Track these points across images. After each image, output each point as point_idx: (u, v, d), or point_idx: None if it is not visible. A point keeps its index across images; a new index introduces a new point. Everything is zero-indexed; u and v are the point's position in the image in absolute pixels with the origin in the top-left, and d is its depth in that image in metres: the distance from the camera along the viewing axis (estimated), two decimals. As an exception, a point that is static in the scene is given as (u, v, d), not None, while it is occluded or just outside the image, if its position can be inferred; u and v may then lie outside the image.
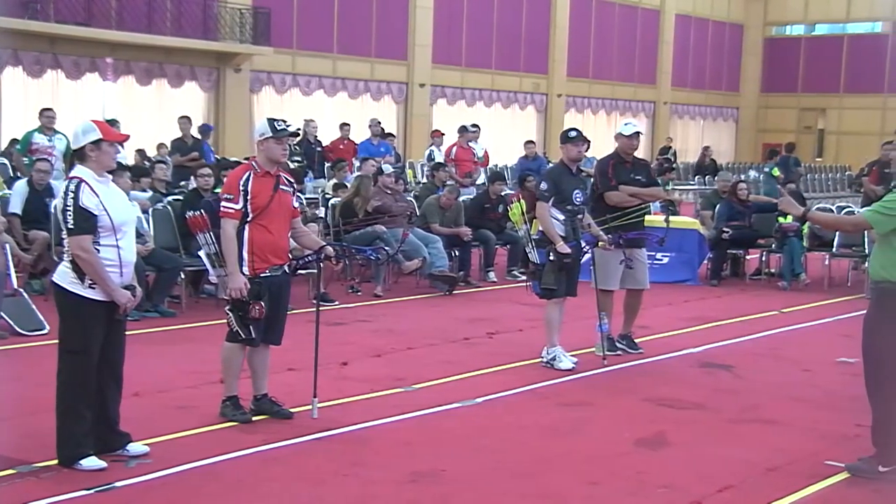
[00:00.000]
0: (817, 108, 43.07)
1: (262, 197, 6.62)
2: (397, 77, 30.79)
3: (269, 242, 6.65)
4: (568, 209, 8.57)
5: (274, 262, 6.69)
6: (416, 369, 8.56)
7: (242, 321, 6.66)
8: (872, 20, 42.39)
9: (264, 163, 6.70)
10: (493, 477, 6.00)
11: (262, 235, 6.62)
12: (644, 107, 39.56)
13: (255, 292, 6.60)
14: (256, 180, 6.64)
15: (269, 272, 6.67)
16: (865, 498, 5.86)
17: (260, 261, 6.63)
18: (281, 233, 6.76)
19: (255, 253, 6.62)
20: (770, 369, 9.08)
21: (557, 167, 9.01)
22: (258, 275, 6.63)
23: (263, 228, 6.62)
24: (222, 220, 6.62)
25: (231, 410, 6.87)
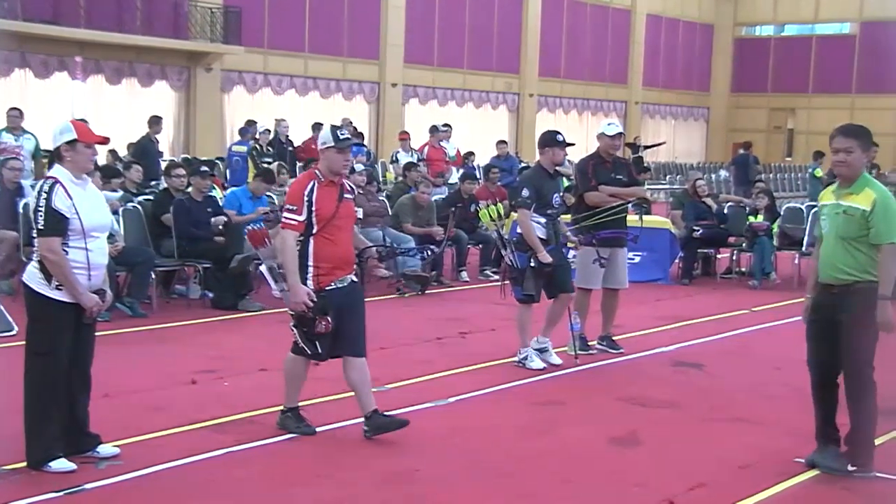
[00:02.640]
0: (787, 108, 43.40)
1: (327, 207, 6.31)
2: (369, 77, 30.75)
3: (335, 254, 6.35)
4: (548, 213, 8.56)
5: (340, 274, 6.38)
6: (389, 369, 8.53)
7: (308, 337, 6.39)
8: (840, 21, 42.76)
9: (327, 172, 6.39)
10: (468, 477, 6.00)
11: (328, 247, 6.31)
12: (615, 106, 39.71)
13: (321, 307, 6.28)
14: (321, 190, 6.33)
15: (336, 284, 6.36)
16: (835, 495, 5.90)
17: (326, 274, 6.32)
18: (346, 243, 6.45)
19: (320, 266, 6.31)
20: (741, 368, 9.13)
21: (537, 172, 8.86)
22: (324, 288, 6.32)
23: (328, 240, 6.32)
24: (282, 232, 6.33)
25: (293, 422, 6.63)
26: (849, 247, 5.99)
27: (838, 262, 6.02)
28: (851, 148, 6.00)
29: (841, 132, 6.11)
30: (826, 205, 6.15)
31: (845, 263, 6.00)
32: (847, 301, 6.02)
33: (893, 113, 40.39)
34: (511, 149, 26.36)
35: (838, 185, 6.12)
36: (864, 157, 6.16)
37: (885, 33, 41.15)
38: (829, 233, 6.08)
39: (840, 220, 6.01)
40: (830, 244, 6.07)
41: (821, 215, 6.16)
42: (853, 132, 6.11)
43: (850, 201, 6.00)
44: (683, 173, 30.81)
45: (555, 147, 8.64)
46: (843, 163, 6.02)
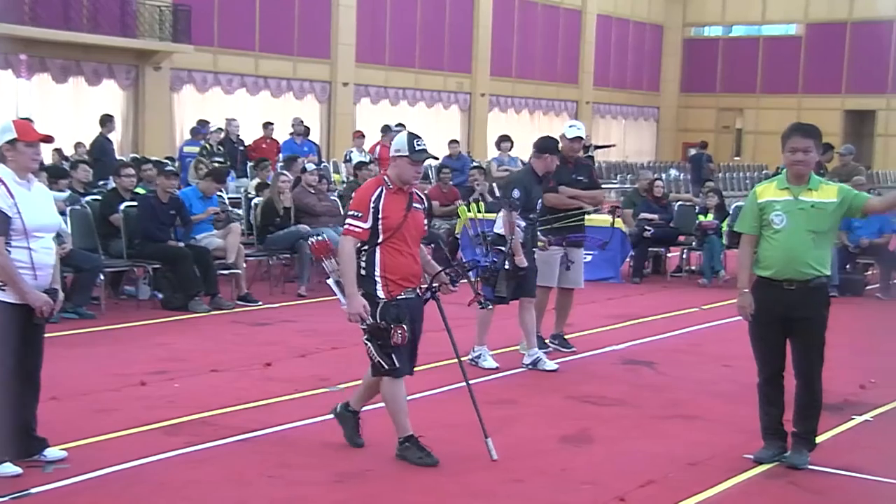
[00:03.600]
0: (735, 108, 43.91)
1: (394, 216, 5.98)
2: (320, 76, 30.63)
3: (403, 265, 6.03)
4: (531, 217, 8.58)
5: (408, 285, 6.08)
6: (342, 369, 8.52)
7: (383, 350, 6.02)
8: (787, 22, 43.34)
9: (396, 180, 6.07)
10: (420, 476, 6.00)
11: (396, 258, 6.00)
12: (567, 106, 39.91)
13: (395, 315, 5.97)
14: (389, 197, 6.01)
15: (405, 294, 6.06)
16: (783, 489, 5.98)
17: (395, 284, 6.01)
18: (414, 254, 6.11)
19: (388, 276, 6.00)
20: (691, 365, 9.22)
21: (528, 175, 8.81)
22: (395, 297, 6.01)
23: (396, 251, 6.00)
24: (342, 238, 6.04)
25: (414, 452, 6.16)
26: (818, 241, 6.11)
27: (806, 258, 6.09)
28: (809, 147, 6.13)
29: (799, 132, 6.21)
30: (779, 201, 6.18)
31: (813, 258, 6.09)
32: (807, 298, 6.14)
33: (838, 113, 41.06)
34: (463, 148, 26.40)
35: (789, 182, 6.19)
36: (817, 155, 6.29)
37: (829, 35, 41.77)
38: (794, 228, 6.11)
39: (810, 215, 6.09)
40: (796, 239, 6.11)
41: (770, 211, 6.20)
42: (811, 132, 6.23)
43: (815, 197, 6.12)
44: (634, 173, 31.05)
45: (546, 154, 8.64)
46: (801, 162, 6.13)
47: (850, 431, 7.20)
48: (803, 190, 6.12)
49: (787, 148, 6.18)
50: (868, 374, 8.75)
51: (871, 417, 7.53)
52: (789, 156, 6.18)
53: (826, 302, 6.22)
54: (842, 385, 8.32)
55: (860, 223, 13.54)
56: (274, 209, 12.56)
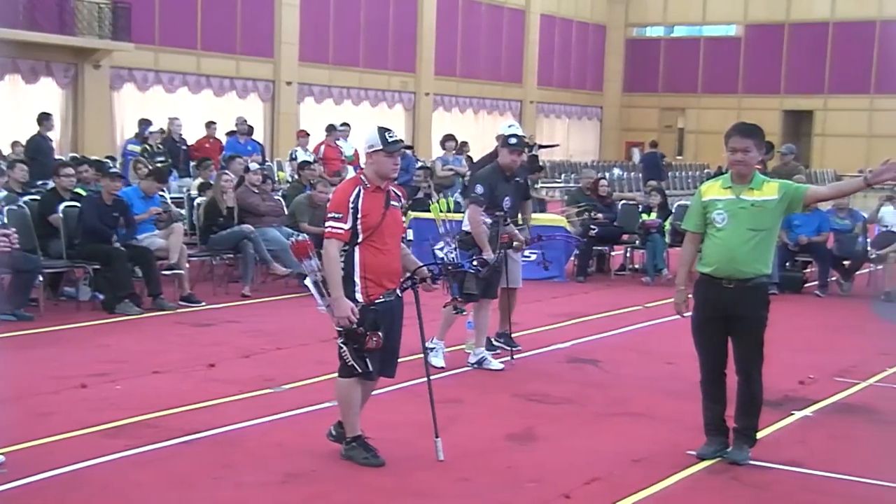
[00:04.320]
0: (677, 108, 44.41)
1: (373, 215, 5.94)
2: (263, 75, 30.44)
3: (382, 265, 5.96)
4: (497, 214, 8.55)
5: (388, 286, 6.00)
6: (287, 369, 8.48)
7: (358, 354, 5.96)
8: (727, 23, 43.91)
9: (374, 177, 6.00)
10: (366, 475, 5.98)
11: (375, 257, 5.94)
12: (511, 105, 40.06)
13: (372, 321, 5.91)
14: (367, 196, 5.95)
15: (384, 297, 5.98)
16: (725, 485, 6.05)
17: (375, 286, 5.94)
18: (394, 253, 6.06)
19: (368, 277, 5.93)
20: (636, 363, 9.29)
21: (493, 171, 8.76)
22: (373, 301, 5.94)
23: (376, 249, 5.94)
24: (326, 241, 5.94)
25: (360, 452, 6.13)
26: (759, 239, 6.18)
27: (745, 257, 6.16)
28: (749, 147, 6.21)
29: (738, 132, 6.29)
30: (721, 200, 6.25)
31: (752, 257, 6.17)
32: (746, 297, 6.22)
33: (777, 113, 41.71)
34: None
35: (733, 181, 6.27)
36: (759, 154, 6.36)
37: (768, 36, 42.42)
38: (735, 227, 6.17)
39: (751, 214, 6.16)
40: (736, 238, 6.18)
41: (713, 210, 6.28)
42: (749, 132, 6.30)
43: (756, 196, 6.19)
44: (578, 172, 31.25)
45: (503, 149, 8.64)
46: (741, 161, 6.20)
47: (790, 427, 7.31)
48: (745, 189, 6.19)
49: (727, 148, 6.28)
50: (807, 370, 8.89)
51: (811, 413, 7.65)
52: (730, 155, 6.26)
53: (765, 301, 6.29)
54: (782, 381, 8.45)
55: (800, 222, 13.75)
56: (217, 209, 12.45)
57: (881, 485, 6.10)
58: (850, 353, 9.81)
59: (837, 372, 8.89)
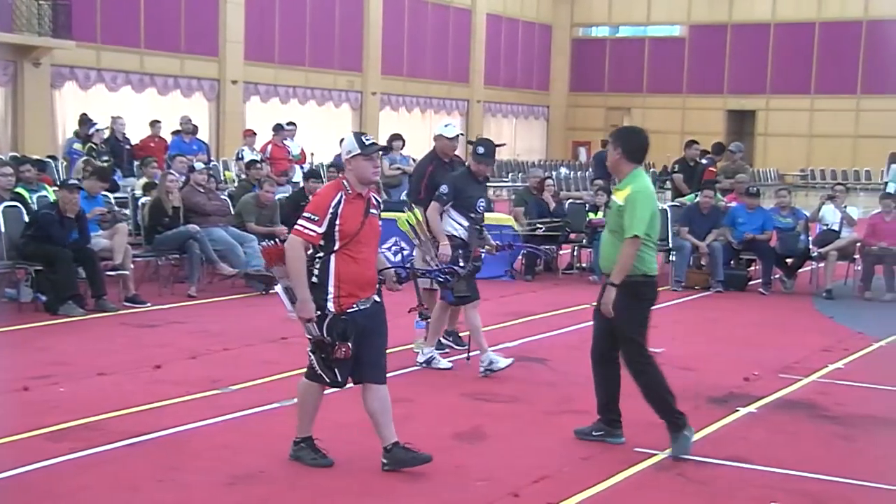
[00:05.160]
0: (623, 108, 44.72)
1: (352, 222, 5.82)
2: (208, 73, 30.14)
3: (356, 273, 5.83)
4: (472, 216, 8.59)
5: (362, 295, 5.87)
6: (233, 370, 8.42)
7: (326, 363, 5.85)
8: (671, 23, 44.34)
9: (355, 183, 5.86)
10: (314, 476, 5.96)
11: (350, 266, 5.81)
12: (458, 105, 40.11)
13: (342, 331, 5.79)
14: (348, 203, 5.82)
15: (358, 306, 5.85)
16: (671, 481, 6.11)
17: (347, 295, 5.81)
18: (370, 261, 5.94)
19: (341, 287, 5.80)
20: (583, 361, 9.24)
21: (463, 174, 8.80)
22: (345, 311, 5.82)
23: (351, 258, 5.82)
24: (291, 238, 5.83)
25: (308, 454, 6.10)
26: (615, 239, 6.48)
27: (608, 254, 6.56)
28: (609, 148, 6.69)
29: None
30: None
31: (612, 255, 6.49)
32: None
33: (721, 113, 42.21)
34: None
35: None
36: (617, 153, 6.60)
37: (711, 36, 42.90)
38: (606, 226, 6.73)
39: (611, 214, 6.62)
40: (605, 236, 6.70)
41: None
42: (611, 133, 6.85)
43: (616, 197, 6.55)
44: (525, 171, 31.37)
45: (471, 158, 8.69)
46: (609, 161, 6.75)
47: (735, 423, 7.40)
48: (615, 189, 6.65)
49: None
50: (751, 366, 9.00)
51: (755, 409, 7.75)
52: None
53: (626, 298, 6.38)
54: (727, 378, 8.57)
55: (744, 220, 13.94)
56: (162, 209, 12.32)
57: (824, 479, 6.20)
58: (793, 349, 9.95)
59: (781, 368, 9.02)
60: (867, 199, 27.85)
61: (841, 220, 14.02)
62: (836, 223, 14.08)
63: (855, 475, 6.25)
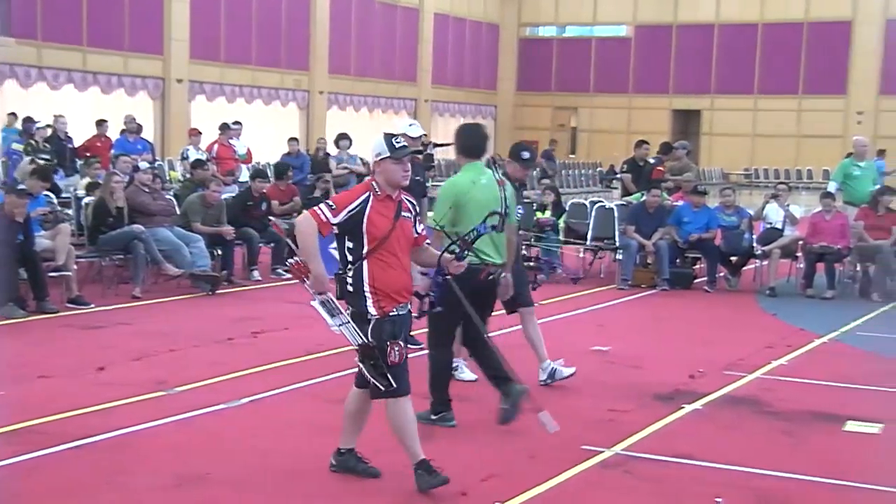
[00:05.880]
0: (570, 107, 44.96)
1: (381, 225, 5.60)
2: (153, 72, 29.80)
3: (392, 279, 5.62)
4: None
5: (401, 300, 5.67)
6: (180, 371, 8.34)
7: (377, 370, 5.55)
8: (617, 23, 44.65)
9: (384, 185, 5.66)
10: (262, 477, 5.92)
11: (385, 272, 5.60)
12: (405, 104, 40.07)
13: (390, 332, 5.56)
14: (376, 204, 5.59)
15: (397, 311, 5.65)
16: (618, 478, 6.16)
17: (385, 299, 5.60)
18: (405, 266, 5.75)
19: (378, 292, 5.59)
20: (529, 360, 9.34)
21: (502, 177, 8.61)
22: (388, 314, 5.61)
23: (385, 263, 5.61)
24: (304, 214, 5.68)
25: (357, 463, 6.00)
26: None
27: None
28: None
29: None
30: None
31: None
32: None
33: (666, 112, 42.60)
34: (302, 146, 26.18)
35: None
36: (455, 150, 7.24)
37: (657, 36, 43.29)
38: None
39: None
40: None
41: None
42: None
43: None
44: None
45: (516, 163, 8.25)
46: None
47: (681, 420, 7.47)
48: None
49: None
50: (697, 364, 9.10)
51: (701, 406, 7.83)
52: None
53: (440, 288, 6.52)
54: (673, 375, 8.65)
55: (689, 219, 14.09)
56: (106, 209, 12.17)
57: (767, 474, 6.28)
58: (738, 346, 10.07)
59: (726, 365, 9.12)
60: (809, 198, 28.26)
61: (784, 219, 14.23)
62: (779, 222, 14.28)
63: (797, 470, 6.35)
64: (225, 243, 13.14)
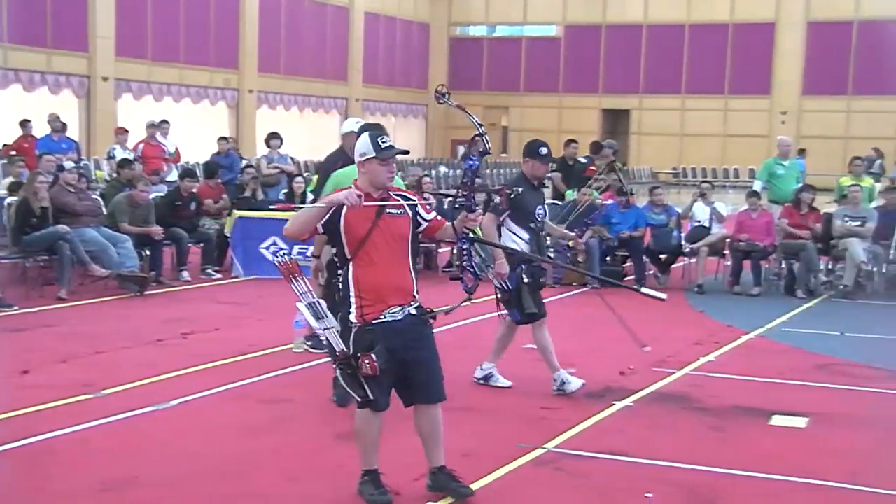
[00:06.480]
0: (501, 106, 45.17)
1: (360, 226, 5.35)
2: (77, 70, 29.29)
3: (378, 282, 5.36)
4: (531, 227, 8.02)
5: (390, 303, 5.40)
6: (107, 373, 8.21)
7: (353, 379, 5.37)
8: (547, 23, 44.97)
9: (367, 187, 5.43)
10: (192, 480, 5.85)
11: (371, 274, 5.35)
12: (336, 103, 39.91)
13: (367, 343, 5.30)
14: (353, 208, 5.32)
15: (386, 317, 5.39)
16: (550, 475, 6.19)
17: (370, 304, 5.35)
18: (393, 267, 5.44)
19: (362, 296, 5.35)
20: (463, 359, 9.36)
21: (518, 180, 8.21)
22: (370, 322, 5.36)
23: (367, 264, 5.36)
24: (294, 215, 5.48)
25: (368, 488, 5.61)
26: None
27: None
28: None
29: None
30: None
31: None
32: None
33: (596, 112, 43.03)
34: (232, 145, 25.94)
35: None
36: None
37: (586, 36, 43.69)
38: None
39: None
40: None
41: None
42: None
43: None
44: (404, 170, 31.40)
45: (535, 160, 8.06)
46: None
47: (611, 417, 7.54)
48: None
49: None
50: (627, 361, 9.18)
51: (631, 402, 7.91)
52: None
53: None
54: (603, 372, 8.73)
55: (619, 218, 14.23)
56: (30, 209, 11.92)
57: (696, 469, 6.37)
58: (667, 343, 10.18)
59: (655, 362, 9.22)
60: (736, 197, 28.71)
61: (710, 217, 14.45)
62: (706, 220, 14.49)
63: (725, 464, 6.44)
64: (153, 243, 12.97)
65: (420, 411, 5.67)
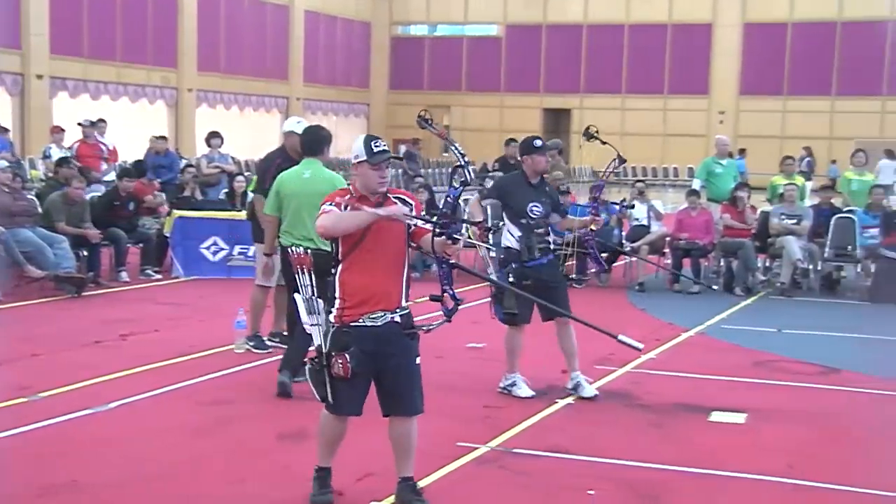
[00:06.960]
0: (443, 106, 45.19)
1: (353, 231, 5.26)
2: (11, 67, 28.78)
3: (363, 285, 5.26)
4: (523, 223, 7.90)
5: (373, 307, 5.28)
6: (43, 376, 8.07)
7: (317, 377, 5.29)
8: (488, 23, 45.11)
9: (361, 189, 5.32)
10: (134, 483, 5.78)
11: (357, 277, 5.26)
12: (277, 102, 39.70)
13: (342, 344, 5.23)
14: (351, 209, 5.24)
15: (365, 321, 5.27)
16: (493, 473, 6.22)
17: (351, 307, 5.26)
18: (380, 272, 5.31)
19: (345, 298, 5.27)
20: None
21: (514, 176, 8.24)
22: (347, 324, 5.27)
23: (357, 266, 5.27)
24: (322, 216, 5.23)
25: (314, 486, 5.58)
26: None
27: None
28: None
29: None
30: None
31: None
32: None
33: (537, 111, 43.27)
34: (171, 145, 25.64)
35: None
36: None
37: (527, 36, 43.92)
38: None
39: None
40: None
41: None
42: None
43: None
44: (346, 170, 31.29)
45: (532, 154, 8.01)
46: None
47: (554, 415, 7.59)
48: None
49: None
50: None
51: (573, 400, 7.96)
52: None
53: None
54: (546, 371, 8.76)
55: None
56: (-37, 209, 11.71)
57: (638, 465, 6.43)
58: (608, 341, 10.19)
59: (597, 360, 9.28)
60: (675, 196, 29.06)
61: (649, 215, 14.59)
62: (644, 218, 14.63)
63: (666, 461, 6.51)
64: (91, 244, 12.79)
65: (394, 422, 5.60)
